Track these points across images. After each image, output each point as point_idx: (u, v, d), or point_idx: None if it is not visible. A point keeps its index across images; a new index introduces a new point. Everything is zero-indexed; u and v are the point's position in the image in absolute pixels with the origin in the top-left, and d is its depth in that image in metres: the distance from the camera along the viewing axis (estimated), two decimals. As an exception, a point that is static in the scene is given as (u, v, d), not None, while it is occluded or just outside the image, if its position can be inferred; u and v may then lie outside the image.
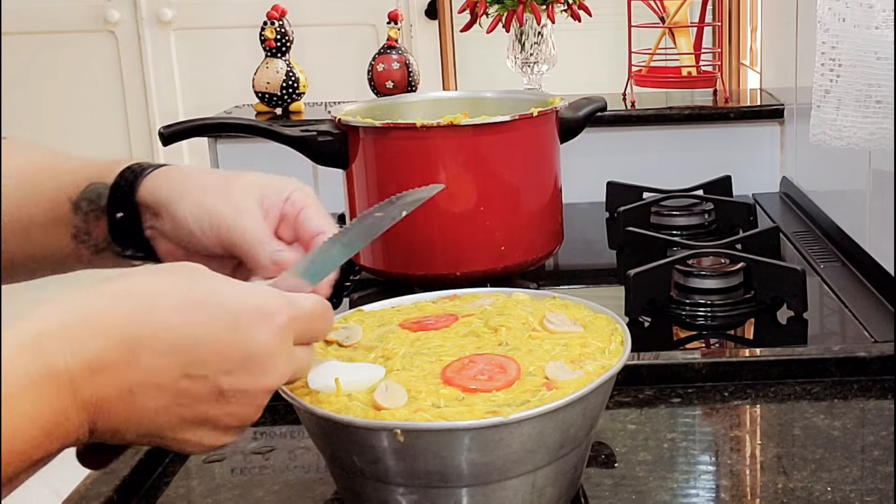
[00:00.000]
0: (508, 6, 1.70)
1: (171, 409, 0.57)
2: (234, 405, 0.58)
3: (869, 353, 0.92)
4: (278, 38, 1.81)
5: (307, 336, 0.63)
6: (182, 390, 0.57)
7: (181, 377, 0.56)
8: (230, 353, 0.57)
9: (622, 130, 1.75)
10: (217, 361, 0.57)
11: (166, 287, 0.58)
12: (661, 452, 0.80)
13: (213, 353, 0.57)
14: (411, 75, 1.82)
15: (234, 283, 0.61)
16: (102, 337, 0.54)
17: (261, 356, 0.59)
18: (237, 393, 0.58)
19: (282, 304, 0.60)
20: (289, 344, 0.61)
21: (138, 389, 0.55)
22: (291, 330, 0.61)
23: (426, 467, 0.63)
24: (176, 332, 0.56)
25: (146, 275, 0.59)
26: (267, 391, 0.60)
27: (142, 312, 0.56)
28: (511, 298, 0.81)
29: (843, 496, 0.72)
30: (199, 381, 0.57)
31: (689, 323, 1.08)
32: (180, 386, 0.56)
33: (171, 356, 0.56)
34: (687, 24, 1.99)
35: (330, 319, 0.65)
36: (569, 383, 0.66)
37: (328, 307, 0.65)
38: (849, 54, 0.88)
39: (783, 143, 1.73)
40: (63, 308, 0.55)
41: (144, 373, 0.55)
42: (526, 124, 1.18)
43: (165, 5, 2.93)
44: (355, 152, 1.19)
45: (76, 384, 0.53)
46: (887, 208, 1.12)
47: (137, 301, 0.56)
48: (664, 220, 1.43)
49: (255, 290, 0.61)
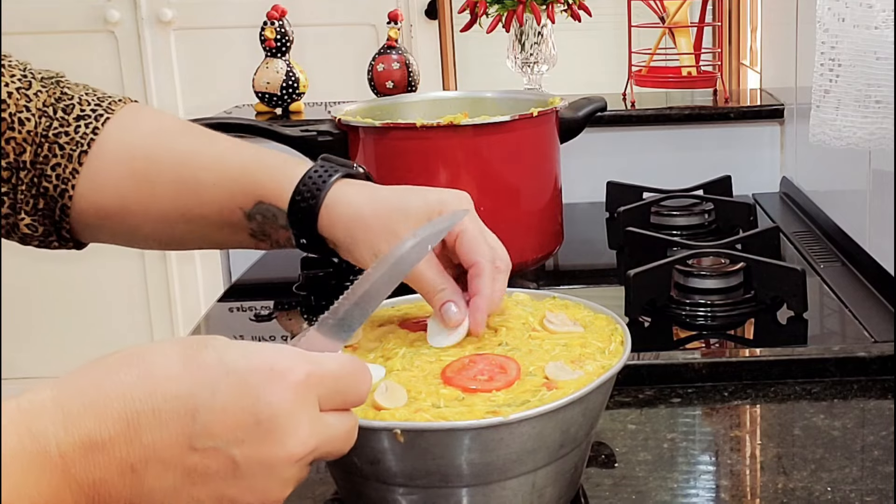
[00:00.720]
0: (508, 6, 1.70)
1: (182, 490, 0.51)
2: (252, 479, 0.52)
3: (869, 353, 0.92)
4: (278, 38, 1.81)
5: (336, 399, 0.55)
6: (191, 467, 0.50)
7: (188, 451, 0.50)
8: (240, 419, 0.51)
9: (622, 130, 1.75)
10: (226, 430, 0.51)
11: (167, 355, 0.52)
12: (661, 452, 0.80)
13: (221, 421, 0.51)
14: (411, 75, 1.82)
15: (246, 346, 0.54)
16: (98, 412, 0.49)
17: (275, 420, 0.52)
18: (253, 465, 0.51)
19: (297, 361, 0.54)
20: (310, 406, 0.53)
21: (141, 468, 0.50)
22: (312, 389, 0.54)
23: (426, 467, 0.63)
24: (178, 401, 0.50)
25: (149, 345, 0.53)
26: (289, 461, 0.53)
27: (140, 382, 0.50)
28: (511, 298, 0.81)
29: (843, 496, 0.72)
30: (210, 455, 0.51)
31: (689, 323, 1.08)
32: (188, 462, 0.50)
33: (175, 428, 0.50)
34: (687, 24, 1.99)
35: (365, 381, 0.57)
36: (569, 383, 0.66)
37: (361, 367, 0.57)
38: (848, 54, 0.88)
39: (783, 143, 1.73)
40: (58, 382, 0.51)
41: (146, 449, 0.50)
42: (526, 124, 1.18)
43: (165, 5, 2.93)
44: (355, 152, 1.19)
45: (69, 463, 0.48)
46: (887, 208, 1.12)
47: (136, 371, 0.51)
48: (664, 220, 1.43)
49: (267, 349, 0.54)
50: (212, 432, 0.51)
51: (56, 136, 0.82)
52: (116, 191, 0.83)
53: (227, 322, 1.20)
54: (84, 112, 0.83)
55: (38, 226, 0.83)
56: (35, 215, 0.83)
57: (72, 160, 0.82)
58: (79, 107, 0.83)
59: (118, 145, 0.83)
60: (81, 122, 0.83)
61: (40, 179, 0.82)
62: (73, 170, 0.82)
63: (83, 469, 0.49)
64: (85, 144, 0.82)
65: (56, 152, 0.82)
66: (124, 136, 0.84)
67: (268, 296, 1.29)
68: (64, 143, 0.82)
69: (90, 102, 0.84)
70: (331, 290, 1.29)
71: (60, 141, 0.82)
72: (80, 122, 0.83)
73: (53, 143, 0.82)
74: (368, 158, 1.18)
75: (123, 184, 0.83)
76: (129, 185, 0.83)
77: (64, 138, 0.82)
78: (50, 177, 0.82)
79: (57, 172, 0.82)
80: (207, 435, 0.50)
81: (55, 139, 0.82)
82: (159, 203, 0.83)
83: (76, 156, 0.82)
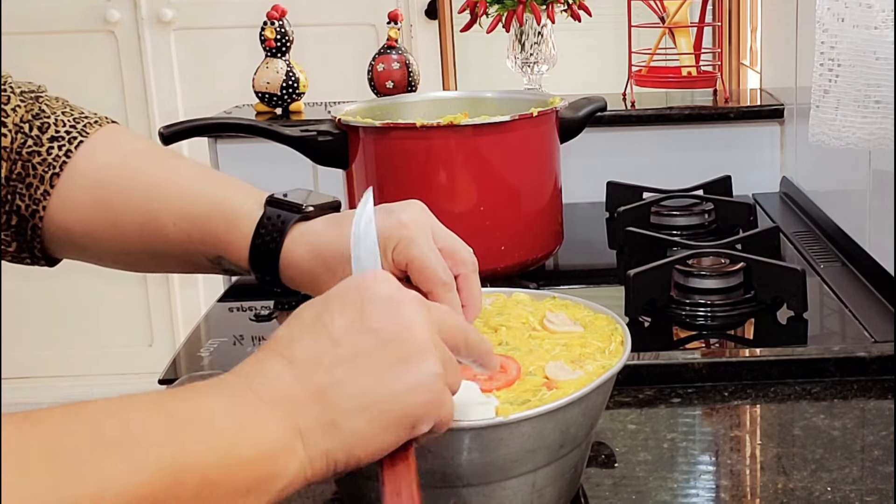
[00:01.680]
0: (508, 6, 1.70)
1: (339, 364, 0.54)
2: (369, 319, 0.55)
3: (869, 354, 0.92)
4: (278, 38, 1.81)
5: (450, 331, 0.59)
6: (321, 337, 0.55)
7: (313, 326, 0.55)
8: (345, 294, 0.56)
9: (622, 130, 1.75)
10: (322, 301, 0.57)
11: None
12: (661, 452, 0.80)
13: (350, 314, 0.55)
14: (411, 75, 1.82)
15: None
16: None
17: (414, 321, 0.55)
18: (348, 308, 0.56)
19: None
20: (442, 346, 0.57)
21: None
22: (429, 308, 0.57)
23: (426, 467, 0.63)
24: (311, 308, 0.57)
25: None
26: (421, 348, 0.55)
27: None
28: (511, 298, 0.81)
29: (843, 496, 0.72)
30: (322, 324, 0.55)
31: (689, 323, 1.08)
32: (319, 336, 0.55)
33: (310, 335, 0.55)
34: (687, 24, 1.99)
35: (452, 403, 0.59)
36: (569, 383, 0.66)
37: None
38: (848, 54, 0.88)
39: (783, 143, 1.73)
40: None
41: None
42: (526, 124, 1.18)
43: (165, 5, 2.93)
44: (355, 152, 1.19)
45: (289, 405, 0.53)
46: (887, 208, 1.12)
47: None
48: (664, 220, 1.43)
49: None
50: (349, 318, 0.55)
51: (30, 154, 0.81)
52: (84, 217, 0.82)
53: (227, 322, 1.20)
54: (59, 133, 0.82)
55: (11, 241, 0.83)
56: (8, 231, 0.82)
57: (43, 181, 0.81)
58: (54, 127, 0.82)
59: (88, 171, 0.82)
60: (55, 143, 0.81)
61: (13, 197, 0.81)
62: (44, 191, 0.81)
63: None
64: (57, 167, 0.81)
65: (30, 171, 0.81)
66: (95, 161, 0.82)
67: (268, 296, 1.29)
68: (37, 162, 0.81)
69: (65, 123, 0.83)
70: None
71: (34, 161, 0.81)
72: (53, 144, 0.81)
73: (27, 161, 0.81)
74: (368, 158, 1.19)
75: (91, 212, 0.82)
76: (96, 214, 0.82)
77: (37, 158, 0.81)
78: (24, 195, 0.81)
79: (30, 192, 0.81)
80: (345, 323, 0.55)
81: (28, 158, 0.81)
82: (125, 236, 0.82)
83: (48, 177, 0.81)
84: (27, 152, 0.81)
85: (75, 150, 0.82)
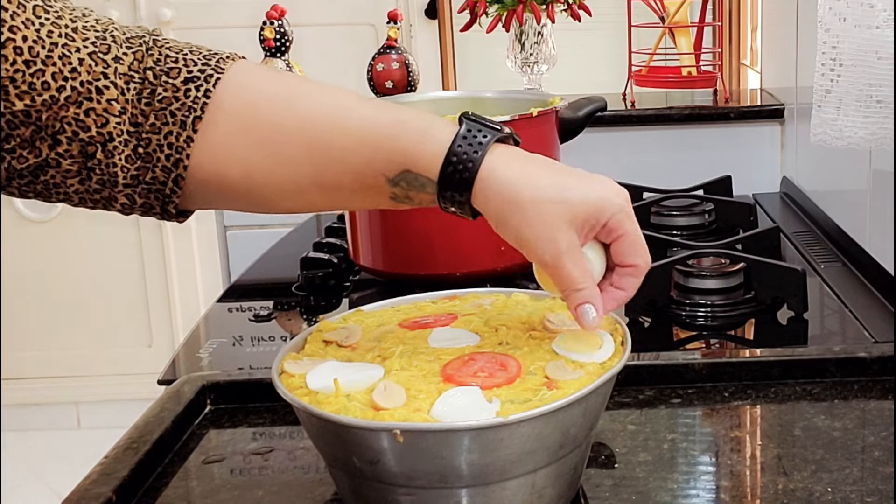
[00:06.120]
0: (508, 6, 1.70)
1: None
2: None
3: (869, 354, 0.92)
4: (278, 38, 1.81)
5: None
6: None
7: None
8: None
9: (622, 130, 1.75)
10: None
11: None
12: (661, 453, 0.80)
13: None
14: (411, 75, 1.82)
15: None
16: None
17: None
18: None
19: None
20: None
21: None
22: None
23: (426, 468, 0.63)
24: None
25: None
26: None
27: None
28: (511, 298, 0.81)
29: (844, 497, 0.72)
30: None
31: (689, 323, 1.08)
32: None
33: None
34: (687, 24, 1.99)
35: None
36: (569, 383, 0.66)
37: None
38: (849, 54, 0.88)
39: (783, 143, 1.73)
40: None
41: None
42: (526, 124, 1.18)
43: (165, 5, 2.93)
44: (355, 152, 1.19)
45: None
46: (887, 208, 1.12)
47: None
48: (664, 220, 1.43)
49: None
50: None
51: (162, 102, 0.75)
52: (239, 158, 0.76)
53: (226, 322, 1.20)
54: (192, 73, 0.76)
55: (137, 198, 0.77)
56: (136, 187, 0.76)
57: (185, 127, 0.75)
58: (185, 69, 0.76)
59: (236, 109, 0.76)
60: (191, 84, 0.75)
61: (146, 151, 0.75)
62: (187, 137, 0.75)
63: None
64: (198, 109, 0.75)
65: (167, 120, 0.75)
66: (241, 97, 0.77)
67: (267, 296, 1.29)
68: (175, 109, 0.75)
69: (196, 62, 0.76)
70: (330, 291, 1.29)
71: (171, 108, 0.75)
72: (189, 85, 0.75)
73: (160, 110, 0.75)
74: (368, 158, 1.18)
75: (247, 151, 0.76)
76: (253, 153, 0.76)
77: (174, 104, 0.75)
78: (162, 146, 0.75)
79: (168, 141, 0.75)
80: None
81: (162, 106, 0.75)
82: (289, 171, 0.76)
83: (189, 122, 0.75)
84: (158, 100, 0.75)
85: (214, 88, 0.76)
